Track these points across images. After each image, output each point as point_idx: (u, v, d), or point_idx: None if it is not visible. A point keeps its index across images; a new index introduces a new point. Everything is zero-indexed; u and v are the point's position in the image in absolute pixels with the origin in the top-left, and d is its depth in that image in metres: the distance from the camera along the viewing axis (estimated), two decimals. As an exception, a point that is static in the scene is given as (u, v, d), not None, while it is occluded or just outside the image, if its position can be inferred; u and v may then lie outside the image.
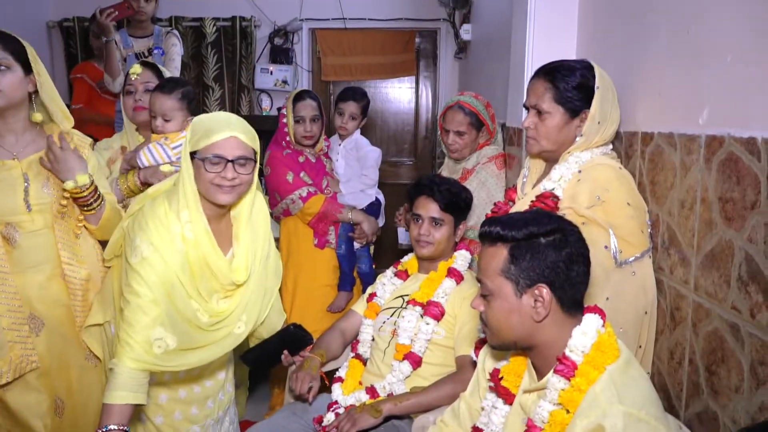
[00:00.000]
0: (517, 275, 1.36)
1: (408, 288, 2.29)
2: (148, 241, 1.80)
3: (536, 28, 2.41)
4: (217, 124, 1.80)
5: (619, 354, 1.34)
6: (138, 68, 2.55)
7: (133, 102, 2.53)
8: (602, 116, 1.81)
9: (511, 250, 1.37)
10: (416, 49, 5.43)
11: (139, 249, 1.79)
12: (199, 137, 1.79)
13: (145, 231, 1.82)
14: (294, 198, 2.94)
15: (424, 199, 2.24)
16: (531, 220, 1.38)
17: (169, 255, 1.81)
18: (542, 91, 1.84)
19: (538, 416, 1.38)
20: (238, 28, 5.06)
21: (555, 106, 1.83)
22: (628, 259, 1.71)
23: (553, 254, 1.35)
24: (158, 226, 1.82)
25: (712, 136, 1.47)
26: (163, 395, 2.01)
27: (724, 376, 1.42)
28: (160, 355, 1.80)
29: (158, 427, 2.00)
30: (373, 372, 2.20)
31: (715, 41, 1.49)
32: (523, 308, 1.37)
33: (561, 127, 1.84)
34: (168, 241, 1.81)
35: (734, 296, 1.38)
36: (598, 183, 1.76)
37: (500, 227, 1.38)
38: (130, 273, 1.80)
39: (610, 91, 1.83)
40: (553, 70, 1.85)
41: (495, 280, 1.39)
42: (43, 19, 5.08)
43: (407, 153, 5.58)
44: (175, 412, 2.02)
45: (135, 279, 1.78)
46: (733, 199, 1.38)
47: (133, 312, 1.77)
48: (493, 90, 3.22)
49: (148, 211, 1.86)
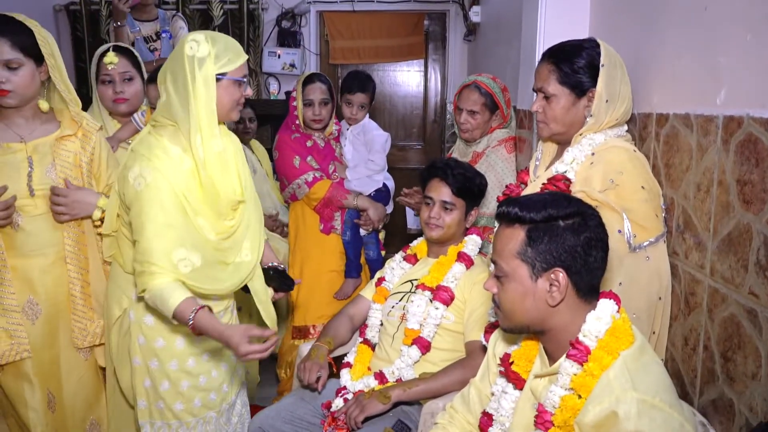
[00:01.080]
0: (534, 258, 1.34)
1: (417, 272, 2.27)
2: (149, 167, 1.81)
3: (548, 8, 2.36)
4: (234, 48, 1.88)
5: (634, 340, 1.32)
6: (114, 57, 2.47)
7: (113, 93, 2.50)
8: (610, 94, 1.76)
9: (529, 232, 1.34)
10: (425, 31, 5.38)
11: (142, 176, 1.81)
12: (225, 61, 1.84)
13: (143, 159, 1.83)
14: (300, 183, 2.93)
15: (437, 182, 2.22)
16: (550, 202, 1.35)
17: (172, 176, 1.83)
18: (547, 73, 1.82)
19: (549, 401, 1.36)
20: (246, 11, 5.02)
21: (560, 88, 1.80)
22: (642, 243, 1.68)
23: (571, 238, 1.32)
24: (157, 154, 1.84)
25: (730, 116, 1.43)
26: (185, 382, 1.99)
27: (741, 363, 1.39)
28: (190, 273, 1.83)
29: (177, 414, 1.99)
30: (382, 357, 2.18)
31: (733, 19, 1.44)
32: (538, 292, 1.34)
33: (568, 109, 1.81)
34: (169, 165, 1.84)
35: (752, 281, 1.35)
36: (612, 166, 1.72)
37: (518, 208, 1.35)
38: (137, 203, 1.81)
39: (617, 68, 1.79)
40: (557, 51, 1.83)
41: (511, 261, 1.36)
42: (50, 3, 5.06)
43: (416, 137, 5.54)
44: (195, 399, 2.01)
45: (144, 206, 1.80)
46: (752, 181, 1.34)
47: (149, 240, 1.79)
48: (503, 73, 3.17)
49: (140, 146, 1.87)
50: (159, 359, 1.96)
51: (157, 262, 1.78)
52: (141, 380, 1.98)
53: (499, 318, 1.44)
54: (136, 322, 1.96)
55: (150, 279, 1.78)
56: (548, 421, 1.37)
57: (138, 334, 1.96)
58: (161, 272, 1.79)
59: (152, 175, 1.81)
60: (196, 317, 1.76)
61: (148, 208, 1.80)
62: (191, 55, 1.80)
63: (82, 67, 5.08)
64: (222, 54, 1.83)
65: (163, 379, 1.97)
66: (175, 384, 1.98)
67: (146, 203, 1.80)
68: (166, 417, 1.99)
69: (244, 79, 1.90)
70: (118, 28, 3.42)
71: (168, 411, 1.98)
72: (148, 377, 1.97)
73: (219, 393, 2.07)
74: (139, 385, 1.98)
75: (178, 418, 1.99)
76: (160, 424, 1.99)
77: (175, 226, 1.82)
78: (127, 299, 1.98)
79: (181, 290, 1.79)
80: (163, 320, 1.93)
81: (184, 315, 1.76)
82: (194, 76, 1.80)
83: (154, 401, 1.98)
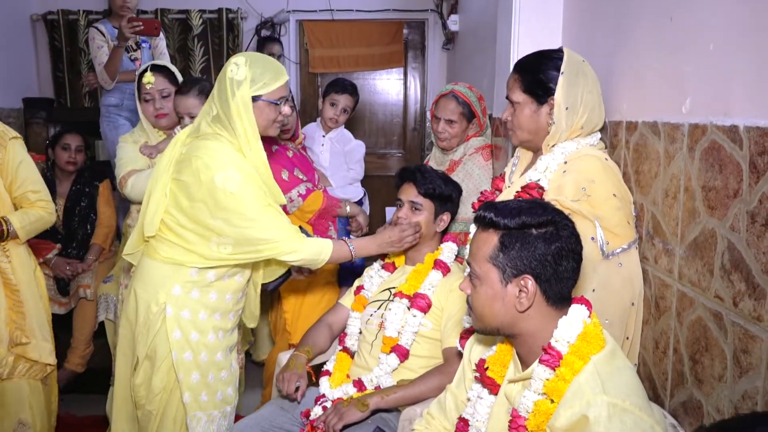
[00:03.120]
0: (505, 264, 1.36)
1: (395, 280, 2.28)
2: (233, 168, 1.97)
3: (521, 19, 2.40)
4: (272, 71, 2.03)
5: (605, 344, 1.34)
6: (151, 77, 2.64)
7: (154, 110, 2.69)
8: (570, 102, 1.79)
9: (502, 238, 1.36)
10: (404, 40, 5.41)
11: (230, 177, 1.96)
12: (261, 85, 1.99)
13: (221, 163, 1.97)
14: (292, 196, 2.80)
15: (406, 184, 2.28)
16: (526, 210, 1.37)
17: (250, 171, 2.02)
18: (512, 82, 1.87)
19: (522, 406, 1.38)
20: (225, 20, 5.03)
21: (524, 96, 1.85)
22: (615, 250, 1.71)
23: (542, 247, 1.34)
24: (228, 155, 1.99)
25: (694, 124, 1.46)
26: (211, 375, 2.10)
27: (708, 365, 1.42)
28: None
29: (202, 405, 2.08)
30: (361, 365, 2.19)
31: (697, 29, 1.48)
32: (507, 297, 1.37)
33: (531, 116, 1.85)
34: (243, 162, 2.01)
35: (717, 285, 1.38)
36: (584, 174, 1.75)
37: (494, 213, 1.37)
38: (235, 202, 1.96)
39: (580, 76, 1.81)
40: (522, 60, 1.89)
41: (483, 265, 1.38)
42: (27, 12, 5.02)
43: (396, 145, 5.57)
44: (218, 392, 2.11)
45: (245, 201, 1.97)
46: (716, 187, 1.38)
47: (265, 223, 2.00)
48: (480, 81, 3.21)
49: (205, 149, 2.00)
50: (193, 351, 2.06)
51: (283, 235, 2.02)
52: (177, 374, 2.05)
53: (472, 319, 1.47)
54: (174, 317, 2.04)
55: (289, 247, 2.03)
56: (522, 426, 1.38)
57: (174, 329, 2.04)
58: (293, 237, 2.04)
59: (238, 173, 1.97)
60: (356, 245, 2.18)
61: (249, 201, 1.98)
62: (231, 78, 1.99)
63: (60, 77, 5.05)
64: (258, 77, 1.99)
65: (195, 370, 2.06)
66: (205, 376, 2.08)
67: (246, 198, 1.97)
68: (190, 408, 2.07)
69: (278, 102, 2.04)
70: (118, 48, 3.48)
71: (194, 402, 2.07)
72: (182, 370, 2.05)
73: (234, 389, 2.19)
74: (171, 378, 2.06)
75: (202, 409, 2.08)
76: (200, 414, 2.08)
77: (273, 204, 2.06)
78: (164, 294, 2.04)
79: (322, 241, 2.14)
80: (198, 314, 2.06)
81: (344, 251, 2.15)
82: (234, 95, 1.98)
83: (182, 393, 2.06)
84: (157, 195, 2.06)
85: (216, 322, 2.10)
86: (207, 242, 2.01)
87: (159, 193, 2.06)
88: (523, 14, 2.39)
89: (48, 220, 2.37)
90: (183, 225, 2.02)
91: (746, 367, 1.28)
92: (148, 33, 3.48)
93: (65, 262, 3.33)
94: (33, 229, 2.30)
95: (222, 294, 2.10)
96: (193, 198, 1.99)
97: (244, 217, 1.98)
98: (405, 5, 5.23)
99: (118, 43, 3.46)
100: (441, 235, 2.29)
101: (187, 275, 2.04)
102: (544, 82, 1.81)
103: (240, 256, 2.05)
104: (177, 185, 2.03)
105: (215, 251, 2.01)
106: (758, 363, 1.24)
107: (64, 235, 3.46)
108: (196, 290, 2.06)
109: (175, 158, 2.08)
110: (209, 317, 2.08)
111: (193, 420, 2.07)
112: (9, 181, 2.20)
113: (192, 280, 2.04)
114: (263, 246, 2.01)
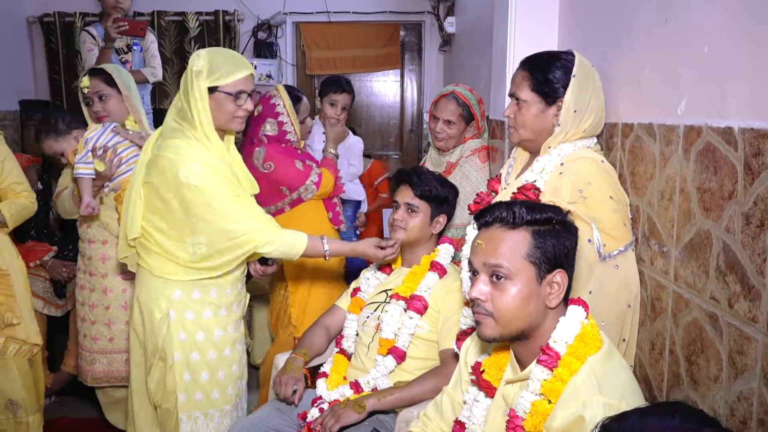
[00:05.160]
0: (541, 260, 1.35)
1: (392, 282, 2.29)
2: (195, 160, 1.97)
3: (517, 20, 2.40)
4: (233, 63, 2.02)
5: (601, 345, 1.35)
6: (87, 81, 2.68)
7: (93, 113, 2.72)
8: (579, 105, 1.80)
9: (535, 235, 1.36)
10: (401, 42, 5.43)
11: (193, 171, 1.96)
12: (220, 75, 1.99)
13: (184, 158, 1.97)
14: (308, 185, 2.84)
15: (403, 186, 2.28)
16: (545, 206, 1.40)
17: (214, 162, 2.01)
18: (520, 80, 1.85)
19: (520, 406, 1.38)
20: (221, 22, 5.03)
21: (532, 95, 1.83)
22: (612, 252, 1.71)
23: (569, 240, 1.37)
24: (191, 149, 1.99)
25: (690, 126, 1.47)
26: (221, 372, 2.14)
27: (704, 366, 1.42)
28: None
29: (214, 402, 2.13)
30: (358, 367, 2.19)
31: (692, 32, 1.49)
32: (542, 294, 1.36)
33: (537, 116, 1.84)
34: (207, 154, 2.01)
35: (713, 286, 1.38)
36: (580, 176, 1.75)
37: (525, 210, 1.37)
38: (199, 195, 1.96)
39: (590, 81, 1.83)
40: (532, 59, 1.87)
41: (518, 264, 1.35)
42: (23, 15, 5.02)
43: (393, 147, 5.57)
44: (228, 388, 2.16)
45: (210, 192, 1.97)
46: (711, 189, 1.38)
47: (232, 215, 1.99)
48: (476, 82, 3.21)
49: (169, 148, 2.00)
50: (200, 351, 2.09)
51: (257, 225, 2.02)
52: (181, 375, 2.09)
53: (487, 325, 1.38)
54: (177, 320, 2.07)
55: (264, 237, 2.02)
56: (519, 426, 1.38)
57: (179, 331, 2.07)
58: (267, 227, 2.03)
59: (202, 166, 1.97)
60: (329, 245, 2.14)
61: (214, 192, 1.98)
62: (191, 68, 2.00)
63: (56, 79, 5.05)
64: (216, 68, 1.99)
65: (204, 369, 2.10)
66: (214, 373, 2.12)
67: (211, 189, 1.97)
68: (202, 407, 2.12)
69: (236, 94, 2.02)
70: (106, 49, 3.50)
71: (206, 401, 2.11)
72: (188, 371, 2.09)
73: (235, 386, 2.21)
74: (180, 379, 2.09)
75: (215, 406, 2.12)
76: (197, 414, 2.11)
77: (240, 194, 2.05)
78: (165, 300, 2.08)
79: (297, 233, 2.10)
80: (202, 314, 2.09)
81: (318, 248, 2.11)
82: (193, 86, 1.98)
83: (192, 393, 2.10)
84: (134, 197, 2.08)
85: (222, 318, 2.13)
86: (183, 245, 2.02)
87: (135, 195, 2.08)
88: (519, 16, 2.40)
89: (32, 209, 2.56)
90: (159, 229, 2.04)
91: (741, 368, 1.28)
92: (133, 33, 3.50)
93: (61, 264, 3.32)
94: (19, 217, 2.49)
95: (222, 289, 2.13)
96: (163, 198, 2.01)
97: (212, 209, 1.98)
98: (402, 7, 5.24)
99: (105, 45, 3.46)
100: (437, 237, 2.30)
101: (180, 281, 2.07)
102: (554, 83, 1.80)
103: (219, 259, 2.04)
104: (147, 188, 2.05)
105: (191, 253, 2.02)
106: (753, 364, 1.24)
107: (60, 237, 3.45)
108: (197, 290, 2.09)
109: (146, 160, 2.09)
110: (215, 314, 2.12)
111: (207, 417, 2.11)
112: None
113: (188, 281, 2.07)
114: (239, 238, 2.00)
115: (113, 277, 2.66)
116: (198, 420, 2.11)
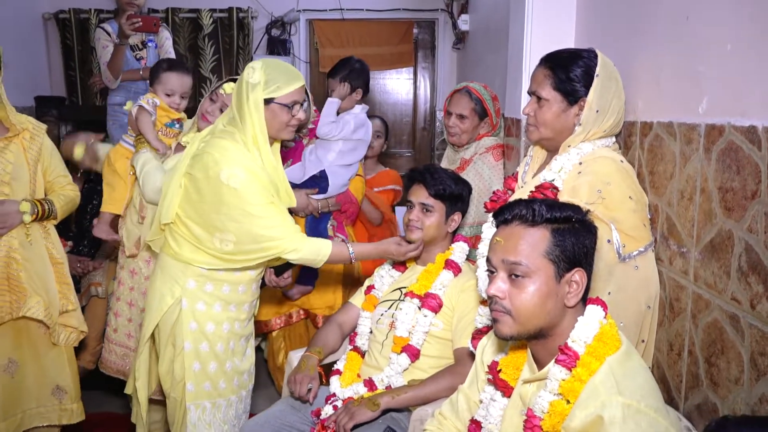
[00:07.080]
0: (560, 258, 1.34)
1: (406, 280, 2.28)
2: (240, 166, 2.03)
3: (534, 17, 2.38)
4: (286, 75, 2.10)
5: (620, 345, 1.33)
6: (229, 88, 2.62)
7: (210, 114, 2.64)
8: (601, 105, 1.78)
9: (555, 233, 1.35)
10: (414, 39, 5.41)
11: (235, 174, 2.02)
12: (276, 87, 2.06)
13: (229, 160, 2.03)
14: None
15: (416, 185, 2.26)
16: (564, 204, 1.40)
17: (256, 169, 2.07)
18: (542, 78, 1.83)
19: (537, 406, 1.37)
20: (235, 19, 5.03)
21: (554, 93, 1.81)
22: (632, 253, 1.69)
23: (588, 238, 1.36)
24: (238, 153, 2.05)
25: (711, 125, 1.45)
26: (228, 363, 2.19)
27: (724, 368, 1.41)
28: None
29: (221, 392, 2.18)
30: (372, 365, 2.19)
31: (714, 29, 1.47)
32: (560, 293, 1.35)
33: (559, 115, 1.82)
34: (251, 160, 2.07)
35: (734, 287, 1.36)
36: (599, 176, 1.73)
37: (545, 208, 1.36)
38: (236, 198, 2.02)
39: (613, 81, 1.81)
40: (555, 57, 1.84)
41: (537, 261, 1.34)
42: (39, 11, 5.04)
43: (406, 144, 5.56)
44: (234, 379, 2.21)
45: (246, 197, 2.03)
46: (733, 188, 1.36)
47: (264, 221, 2.04)
48: (491, 81, 3.20)
49: (216, 147, 2.06)
50: (209, 342, 2.14)
51: (285, 233, 2.07)
52: (190, 364, 2.13)
53: (504, 324, 1.37)
54: (189, 309, 2.12)
55: (291, 245, 2.07)
56: (537, 426, 1.37)
57: (190, 320, 2.12)
58: (295, 236, 2.09)
59: (244, 171, 2.03)
60: (354, 248, 2.20)
61: (251, 198, 2.03)
62: (247, 81, 2.06)
63: (71, 75, 5.07)
64: (272, 81, 2.06)
65: (212, 360, 2.15)
66: (222, 364, 2.17)
67: (248, 195, 2.03)
68: (211, 396, 2.16)
69: (291, 105, 2.09)
70: (120, 46, 3.52)
71: (214, 390, 2.16)
72: (198, 360, 2.13)
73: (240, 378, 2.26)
74: (189, 369, 2.13)
75: (222, 396, 2.17)
76: (206, 403, 2.15)
77: (275, 202, 2.11)
78: (179, 288, 2.13)
79: (322, 240, 2.18)
80: (212, 307, 2.14)
81: (344, 253, 2.18)
82: (248, 98, 2.05)
83: (201, 383, 2.14)
84: (174, 185, 2.13)
85: (231, 314, 2.18)
86: (211, 237, 2.07)
87: (175, 183, 2.13)
88: (535, 14, 2.38)
89: (77, 202, 2.58)
90: (192, 218, 2.10)
91: (764, 370, 1.27)
92: (147, 29, 3.53)
93: (76, 259, 3.34)
94: (67, 209, 2.50)
95: (234, 286, 2.17)
96: (201, 192, 2.07)
97: (245, 213, 2.03)
98: (415, 5, 5.22)
99: (119, 41, 3.48)
100: (452, 235, 2.29)
101: (198, 270, 2.11)
102: (576, 82, 1.78)
103: (244, 257, 2.09)
104: (188, 179, 2.11)
105: (219, 247, 2.07)
106: (776, 366, 1.23)
107: (75, 233, 3.47)
108: (210, 284, 2.13)
109: (192, 152, 2.15)
110: (224, 309, 2.17)
111: (214, 407, 2.15)
112: (45, 167, 2.43)
113: (203, 274, 2.12)
114: (266, 243, 2.06)
115: None
116: (206, 409, 2.15)
